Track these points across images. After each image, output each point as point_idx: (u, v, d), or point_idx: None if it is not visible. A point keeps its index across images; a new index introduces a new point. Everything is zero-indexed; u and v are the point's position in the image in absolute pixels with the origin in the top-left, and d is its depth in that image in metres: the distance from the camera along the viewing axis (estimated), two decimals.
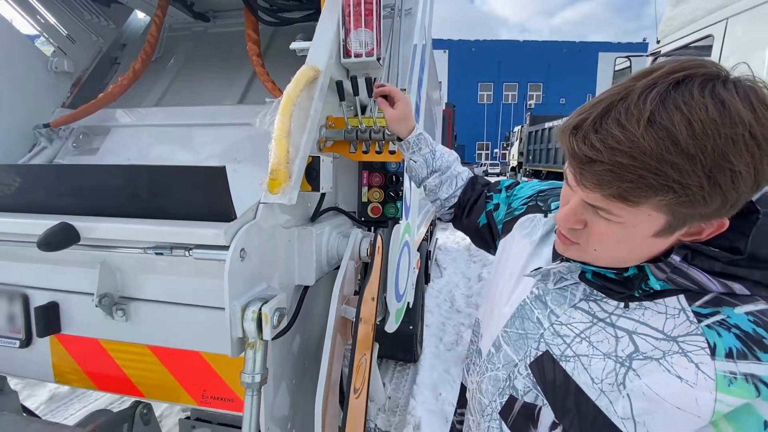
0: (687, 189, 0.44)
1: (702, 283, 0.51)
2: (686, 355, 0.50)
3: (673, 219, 0.48)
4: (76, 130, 1.86)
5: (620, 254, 0.55)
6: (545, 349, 0.63)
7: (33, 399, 2.71)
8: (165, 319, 1.08)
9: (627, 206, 0.48)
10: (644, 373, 0.52)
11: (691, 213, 0.47)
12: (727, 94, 0.43)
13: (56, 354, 1.20)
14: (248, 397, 0.89)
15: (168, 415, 2.57)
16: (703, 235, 0.51)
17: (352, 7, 1.21)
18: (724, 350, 0.48)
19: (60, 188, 1.06)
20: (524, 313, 0.69)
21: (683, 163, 0.43)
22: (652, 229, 0.50)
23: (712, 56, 3.14)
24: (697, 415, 0.48)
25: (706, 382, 0.48)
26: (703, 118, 0.42)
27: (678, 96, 0.44)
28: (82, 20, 2.10)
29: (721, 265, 0.50)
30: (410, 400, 2.86)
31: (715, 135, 0.42)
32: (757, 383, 0.45)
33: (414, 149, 1.04)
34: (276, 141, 0.92)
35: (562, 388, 0.59)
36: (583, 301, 0.61)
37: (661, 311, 0.54)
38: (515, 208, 0.89)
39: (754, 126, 0.42)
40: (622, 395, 0.53)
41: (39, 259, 1.09)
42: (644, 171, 0.44)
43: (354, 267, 1.25)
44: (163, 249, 0.94)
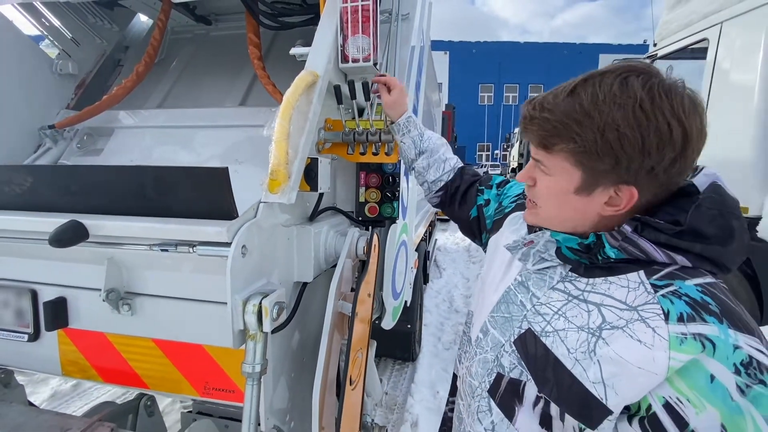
0: (585, 141, 0.57)
1: (649, 252, 0.59)
2: (644, 321, 0.56)
3: (585, 175, 0.60)
4: (80, 131, 1.89)
5: (554, 211, 0.67)
6: (527, 326, 0.69)
7: (36, 396, 2.75)
8: (169, 314, 1.12)
9: (547, 153, 0.63)
10: (611, 340, 0.58)
11: (595, 168, 0.59)
12: (635, 80, 0.56)
13: (63, 348, 1.24)
14: (249, 386, 0.94)
15: (170, 411, 2.61)
16: (621, 206, 0.60)
17: (349, 13, 1.25)
18: (676, 315, 0.54)
19: (70, 187, 1.10)
20: (509, 297, 0.75)
21: (583, 119, 0.57)
22: (572, 185, 0.62)
23: (707, 59, 3.17)
24: (654, 372, 0.54)
25: (661, 342, 0.54)
26: (606, 91, 0.56)
27: (597, 81, 0.58)
28: (86, 23, 2.14)
29: (665, 237, 0.58)
30: (408, 398, 2.90)
31: (611, 103, 0.55)
32: (703, 340, 0.52)
33: (404, 131, 1.15)
34: (276, 143, 0.96)
35: (542, 360, 0.65)
36: (560, 282, 0.68)
37: (623, 285, 0.61)
38: (505, 206, 0.95)
39: (644, 101, 0.54)
40: (593, 362, 0.59)
41: (48, 255, 1.13)
42: (556, 123, 0.60)
43: (351, 265, 1.29)
44: (169, 246, 0.98)
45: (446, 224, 10.06)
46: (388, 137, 1.30)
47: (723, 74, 3.05)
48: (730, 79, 2.99)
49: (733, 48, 3.01)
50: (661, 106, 0.54)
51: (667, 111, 0.54)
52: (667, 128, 0.54)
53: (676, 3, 3.72)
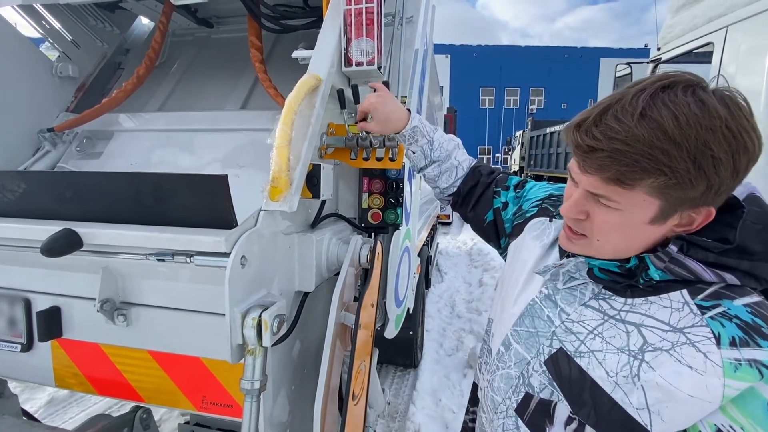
0: (675, 172, 0.50)
1: (697, 272, 0.56)
2: (694, 345, 0.53)
3: (666, 204, 0.54)
4: (79, 134, 1.87)
5: (620, 243, 0.60)
6: (559, 346, 0.65)
7: (32, 402, 2.71)
8: (166, 325, 1.09)
9: (623, 189, 0.54)
10: (657, 364, 0.55)
11: (681, 197, 0.53)
12: (705, 95, 0.51)
13: (57, 358, 1.21)
14: (247, 403, 0.90)
15: (167, 419, 2.57)
16: (693, 226, 0.57)
17: (353, 16, 1.22)
18: (728, 339, 0.52)
19: (64, 194, 1.07)
20: (534, 311, 0.71)
21: (671, 149, 0.50)
22: (648, 216, 0.55)
23: (712, 63, 3.15)
24: (707, 400, 0.51)
25: (714, 369, 0.51)
26: (687, 112, 0.50)
27: (665, 96, 0.52)
28: (86, 26, 2.12)
29: (714, 256, 0.55)
30: (410, 406, 2.86)
31: (697, 126, 0.49)
32: (759, 367, 0.50)
33: (410, 141, 1.04)
34: (277, 149, 0.93)
35: (577, 382, 0.62)
36: (593, 299, 0.64)
37: (666, 305, 0.58)
38: (526, 210, 0.90)
39: (729, 120, 0.50)
40: (636, 387, 0.56)
41: (42, 264, 1.10)
42: (638, 156, 0.51)
43: (354, 273, 1.26)
44: (165, 255, 0.95)
45: (447, 228, 10.03)
46: (392, 143, 1.27)
47: (728, 78, 3.02)
48: (736, 84, 2.96)
49: (739, 52, 2.98)
50: (742, 122, 0.51)
51: (747, 126, 0.51)
52: (752, 145, 0.51)
53: (680, 7, 3.69)
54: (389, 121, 1.02)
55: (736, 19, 3.01)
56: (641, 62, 4.27)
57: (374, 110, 1.01)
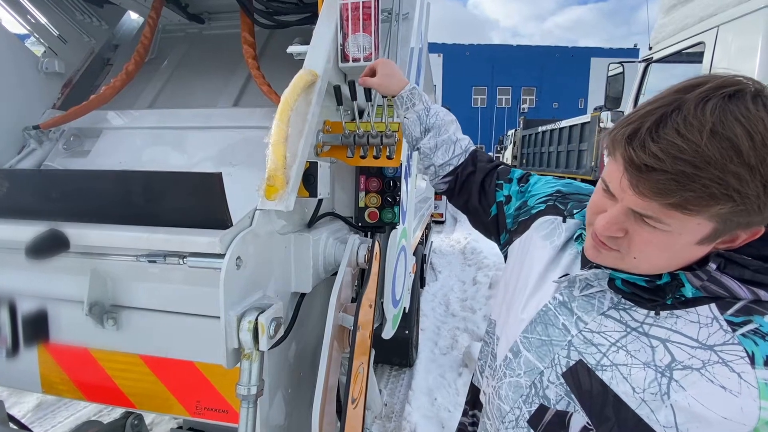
0: (745, 198, 0.45)
1: (733, 290, 0.53)
2: (727, 365, 0.51)
3: (722, 227, 0.49)
4: (66, 132, 1.82)
5: (660, 262, 0.55)
6: (578, 357, 0.62)
7: (20, 407, 2.65)
8: (157, 328, 1.06)
9: (684, 215, 0.48)
10: (688, 384, 0.53)
11: (740, 223, 0.49)
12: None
13: (44, 363, 1.17)
14: (244, 409, 0.87)
15: (159, 423, 2.52)
16: (737, 243, 0.53)
17: (350, 11, 1.20)
18: (763, 359, 0.50)
19: (50, 193, 1.03)
20: (547, 319, 0.68)
21: (745, 173, 0.44)
22: (697, 237, 0.51)
23: (703, 63, 3.17)
24: (742, 423, 0.50)
25: (749, 390, 0.50)
26: (762, 131, 0.44)
27: (735, 109, 0.45)
28: (73, 20, 2.06)
29: (750, 273, 0.53)
30: (406, 406, 2.84)
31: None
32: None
33: (407, 104, 1.02)
34: (273, 146, 0.90)
35: (599, 397, 0.59)
36: (613, 309, 0.62)
37: (693, 320, 0.55)
38: (532, 206, 0.85)
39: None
40: (665, 405, 0.54)
41: (27, 265, 1.06)
42: (708, 180, 0.45)
43: (351, 273, 1.24)
44: (157, 257, 0.92)
45: (441, 226, 10.04)
46: (389, 140, 1.25)
47: None
48: None
49: (730, 52, 3.01)
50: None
51: None
52: None
53: (671, 6, 3.72)
54: (392, 77, 1.04)
55: (727, 19, 3.03)
56: (633, 62, 4.30)
57: (382, 64, 1.04)
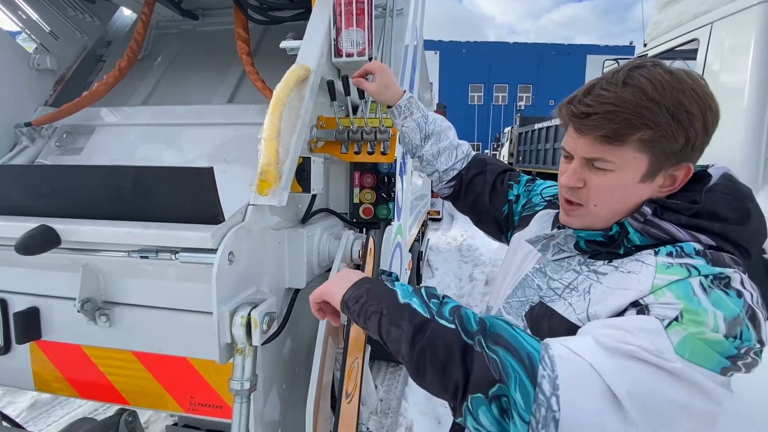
0: (659, 126, 0.58)
1: (673, 233, 0.61)
2: (638, 260, 0.62)
3: (653, 160, 0.60)
4: (59, 129, 1.80)
5: (615, 205, 0.65)
6: (539, 300, 0.72)
7: (14, 406, 2.63)
8: (150, 325, 1.05)
9: (615, 147, 0.61)
10: (605, 279, 0.64)
11: (665, 150, 0.59)
12: (680, 72, 0.61)
13: (37, 361, 1.16)
14: (237, 404, 0.87)
15: (154, 421, 2.51)
16: (677, 185, 0.63)
17: (343, 6, 1.19)
18: (666, 252, 0.60)
19: (40, 189, 1.03)
20: (526, 283, 0.77)
21: (653, 107, 0.58)
22: (639, 174, 0.62)
23: (698, 59, 3.19)
24: (639, 289, 0.58)
25: (647, 269, 0.59)
26: (660, 78, 0.59)
27: (639, 70, 0.61)
28: (65, 16, 2.04)
29: (686, 218, 0.61)
30: (402, 402, 2.85)
31: (671, 88, 0.58)
32: (689, 267, 0.56)
33: (405, 114, 1.03)
34: (266, 141, 0.90)
35: (541, 317, 0.69)
36: (577, 265, 0.71)
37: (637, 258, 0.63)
38: (535, 204, 0.92)
39: (693, 84, 0.59)
40: (584, 300, 0.64)
41: (18, 262, 1.05)
42: (627, 114, 0.59)
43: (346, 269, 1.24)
44: (149, 252, 0.91)
45: (437, 224, 10.04)
46: (383, 136, 1.25)
47: (713, 75, 3.06)
48: (720, 80, 3.01)
49: (723, 49, 3.02)
50: (704, 88, 0.60)
51: (708, 91, 0.60)
52: (714, 105, 0.59)
53: (666, 3, 3.74)
54: (389, 87, 1.03)
55: (721, 16, 3.04)
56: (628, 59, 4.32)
57: (381, 71, 1.03)
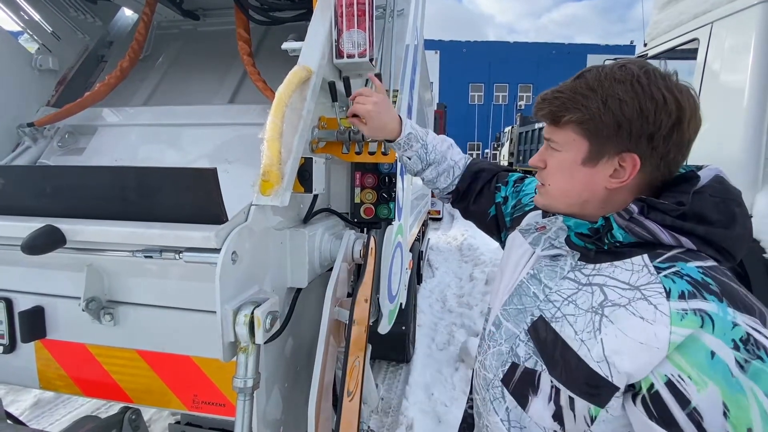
0: (588, 109, 0.63)
1: (656, 233, 0.61)
2: (647, 300, 0.59)
3: (591, 143, 0.64)
4: (61, 129, 1.81)
5: (562, 183, 0.70)
6: (539, 314, 0.70)
7: (17, 405, 2.65)
8: (154, 323, 1.06)
9: (557, 128, 0.68)
10: (615, 318, 0.60)
11: (598, 134, 0.63)
12: (633, 65, 0.63)
13: (41, 360, 1.17)
14: (240, 402, 0.88)
15: (157, 419, 2.53)
16: (626, 178, 0.63)
17: (344, 7, 1.20)
18: (678, 293, 0.57)
19: (46, 190, 1.04)
20: (522, 290, 0.77)
21: (588, 93, 0.63)
22: (580, 156, 0.66)
23: (698, 59, 3.19)
24: (656, 347, 0.55)
25: (662, 318, 0.56)
26: (607, 71, 0.64)
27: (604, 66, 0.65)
28: (67, 17, 2.05)
29: (671, 219, 0.61)
30: (403, 401, 2.86)
31: (611, 78, 0.62)
32: (702, 315, 0.54)
33: (405, 148, 1.04)
34: (268, 142, 0.91)
35: (552, 345, 0.67)
36: (571, 272, 0.70)
37: (628, 268, 0.63)
38: (525, 204, 0.95)
39: (641, 77, 0.61)
40: (597, 341, 0.61)
41: (23, 262, 1.06)
42: (565, 99, 0.65)
43: (347, 269, 1.25)
44: (153, 252, 0.92)
45: (438, 223, 10.06)
46: None
47: (713, 75, 3.07)
48: (720, 80, 3.01)
49: (723, 48, 3.02)
50: (656, 82, 0.61)
51: (661, 85, 0.60)
52: (661, 96, 0.60)
53: (666, 3, 3.73)
54: (383, 130, 1.00)
55: (721, 16, 3.04)
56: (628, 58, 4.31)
57: (370, 118, 0.98)
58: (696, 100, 0.62)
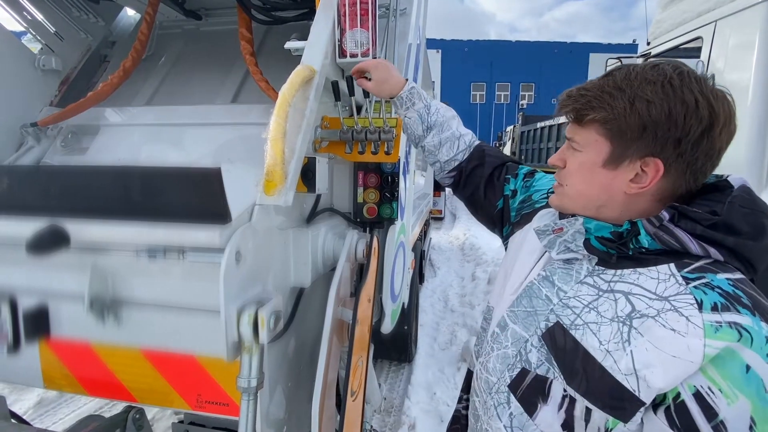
0: (614, 109, 0.60)
1: (684, 242, 0.59)
2: (677, 311, 0.56)
3: (614, 144, 0.62)
4: (64, 129, 1.82)
5: (580, 185, 0.68)
6: (556, 320, 0.67)
7: (21, 404, 2.66)
8: (158, 323, 1.06)
9: (581, 128, 0.65)
10: (644, 330, 0.58)
11: (622, 135, 0.61)
12: (666, 66, 0.60)
13: (45, 359, 1.18)
14: (244, 401, 0.88)
15: (160, 418, 2.54)
16: (647, 183, 0.61)
17: (347, 6, 1.20)
18: (710, 305, 0.55)
19: (50, 190, 1.04)
20: (532, 292, 0.73)
21: (615, 92, 0.61)
22: (601, 157, 0.64)
23: (701, 58, 3.17)
24: (689, 360, 0.53)
25: (695, 330, 0.54)
26: (639, 71, 0.61)
27: (633, 65, 0.62)
28: (70, 17, 2.06)
29: (701, 229, 0.58)
30: (405, 400, 2.86)
31: (641, 78, 0.60)
32: (739, 329, 0.52)
33: (407, 104, 1.03)
34: (272, 142, 0.91)
35: (571, 353, 0.63)
36: (588, 276, 0.67)
37: (653, 276, 0.60)
38: (536, 201, 0.90)
39: (673, 78, 0.58)
40: (626, 353, 0.58)
41: (27, 261, 1.07)
42: (591, 96, 0.63)
43: (350, 268, 1.25)
44: (156, 252, 0.92)
45: (439, 223, 10.04)
46: (387, 136, 1.25)
47: (717, 73, 3.05)
48: (724, 79, 2.99)
49: (727, 47, 3.01)
50: (689, 84, 0.57)
51: (695, 88, 0.57)
52: (693, 101, 0.57)
53: (669, 1, 3.72)
54: (387, 82, 1.02)
55: (725, 14, 3.03)
56: (632, 57, 4.30)
57: (375, 69, 1.02)
58: (732, 107, 0.59)
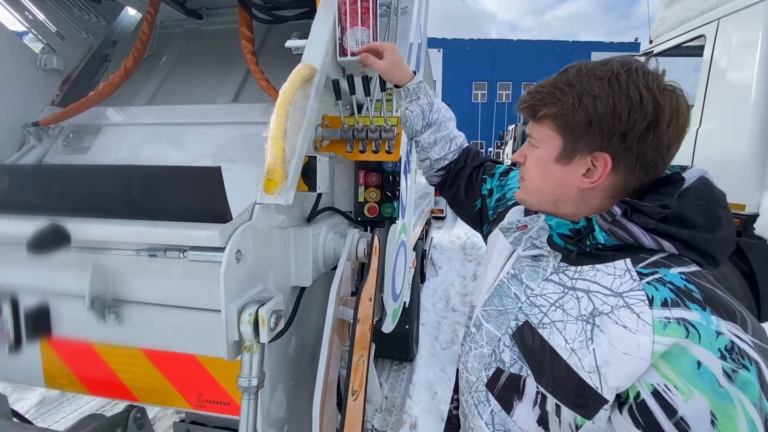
0: (564, 104, 0.62)
1: (638, 237, 0.59)
2: (629, 308, 0.57)
3: (565, 139, 0.64)
4: (66, 128, 1.82)
5: (537, 180, 0.69)
6: (525, 319, 0.68)
7: (23, 402, 2.67)
8: (159, 322, 1.06)
9: (536, 124, 0.68)
10: (604, 327, 0.59)
11: (571, 131, 0.62)
12: (615, 62, 0.62)
13: (46, 358, 1.18)
14: (245, 400, 0.88)
15: (161, 417, 2.54)
16: (597, 177, 0.62)
17: (348, 5, 1.19)
18: (660, 300, 0.55)
19: (51, 189, 1.04)
20: (502, 290, 0.75)
21: (566, 88, 0.62)
22: (554, 152, 0.65)
23: (704, 56, 3.16)
24: (640, 357, 0.54)
25: (645, 327, 0.55)
26: (590, 68, 0.63)
27: (584, 62, 0.65)
28: (71, 17, 2.06)
29: (653, 222, 0.58)
30: (406, 400, 2.86)
31: (590, 75, 0.61)
32: (686, 325, 0.53)
33: (412, 97, 1.04)
34: (272, 141, 0.91)
35: (539, 352, 0.65)
36: (554, 273, 0.68)
37: (610, 272, 0.62)
38: (509, 198, 0.93)
39: (621, 74, 0.59)
40: (589, 351, 0.59)
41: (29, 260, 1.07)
42: (544, 93, 0.65)
43: (351, 267, 1.24)
44: (157, 251, 0.92)
45: (441, 222, 10.04)
46: (388, 135, 1.25)
47: (719, 71, 3.03)
48: (727, 77, 2.98)
49: (730, 45, 2.99)
50: (635, 79, 0.59)
51: (640, 83, 0.58)
52: (638, 95, 0.58)
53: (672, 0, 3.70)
54: (401, 66, 1.04)
55: (728, 12, 3.01)
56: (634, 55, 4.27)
57: (390, 51, 1.03)
58: (681, 102, 0.59)
